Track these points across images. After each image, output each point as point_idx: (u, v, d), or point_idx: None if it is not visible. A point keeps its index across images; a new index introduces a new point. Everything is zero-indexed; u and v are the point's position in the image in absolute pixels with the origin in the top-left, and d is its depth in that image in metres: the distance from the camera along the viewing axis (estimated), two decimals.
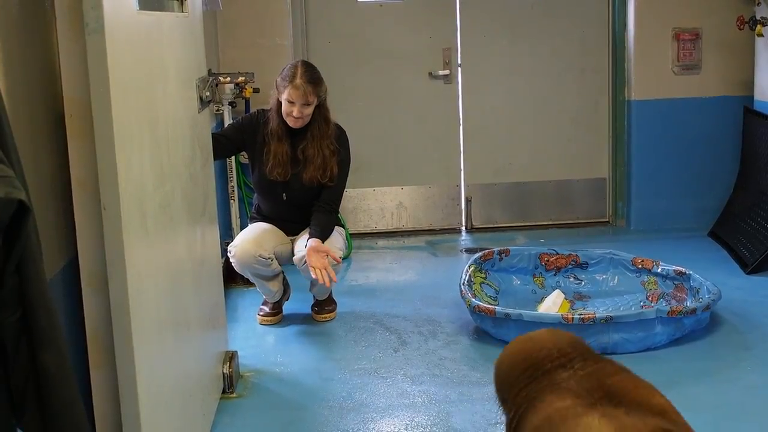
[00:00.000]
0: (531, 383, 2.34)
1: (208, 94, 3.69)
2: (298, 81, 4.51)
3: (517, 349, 2.54)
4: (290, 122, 4.61)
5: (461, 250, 6.47)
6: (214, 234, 3.95)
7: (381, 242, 6.66)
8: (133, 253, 2.33)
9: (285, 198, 4.76)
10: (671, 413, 2.23)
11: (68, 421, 1.61)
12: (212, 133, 4.52)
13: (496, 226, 6.96)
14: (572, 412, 2.11)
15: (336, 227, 4.79)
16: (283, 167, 4.66)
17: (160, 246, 2.71)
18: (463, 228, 6.97)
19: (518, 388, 2.36)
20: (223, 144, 4.68)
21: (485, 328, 4.52)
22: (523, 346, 2.52)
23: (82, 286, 2.35)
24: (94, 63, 2.19)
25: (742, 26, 6.33)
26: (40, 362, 1.56)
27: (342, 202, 4.91)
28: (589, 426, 2.02)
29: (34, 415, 1.60)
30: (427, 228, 6.95)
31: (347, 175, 4.81)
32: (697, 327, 4.43)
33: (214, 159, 4.35)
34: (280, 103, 4.63)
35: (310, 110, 4.60)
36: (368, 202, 6.86)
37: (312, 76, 4.57)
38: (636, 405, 2.16)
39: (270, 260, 4.60)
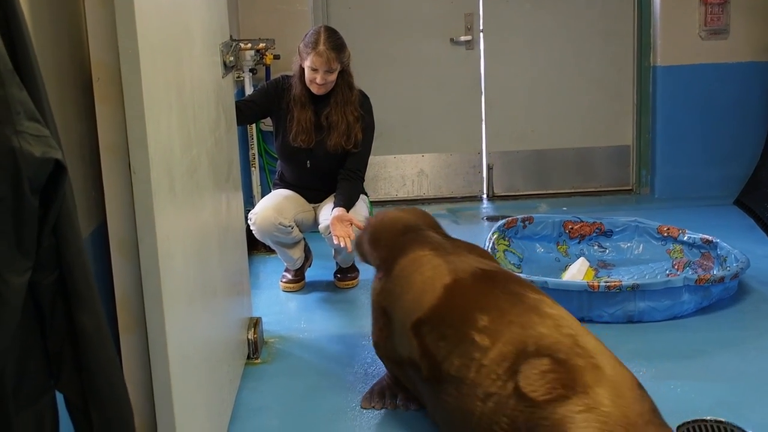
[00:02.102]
0: (404, 236, 3.44)
1: (232, 59, 3.66)
2: (321, 47, 4.47)
3: (394, 216, 3.66)
4: (313, 89, 4.58)
5: (483, 218, 6.45)
6: (239, 200, 3.94)
7: None
8: (162, 217, 2.32)
9: (309, 165, 4.73)
10: (493, 260, 3.46)
11: (106, 381, 1.60)
12: (238, 99, 4.51)
13: (517, 193, 6.93)
14: (428, 257, 3.22)
15: (361, 195, 4.77)
16: (307, 134, 4.63)
17: (188, 211, 2.69)
18: (485, 196, 6.94)
19: (394, 239, 3.45)
20: (251, 108, 4.67)
21: None
22: (400, 215, 3.67)
23: (111, 251, 2.33)
24: (122, 25, 2.16)
25: None
26: (78, 323, 1.55)
27: None
28: (435, 265, 3.15)
29: (72, 377, 1.60)
30: (448, 196, 6.92)
31: (372, 142, 4.78)
32: (725, 296, 4.39)
33: (239, 124, 4.35)
34: (302, 70, 4.59)
35: (333, 77, 4.56)
36: (389, 169, 6.83)
37: (335, 43, 4.53)
38: (471, 256, 3.28)
39: (290, 228, 4.59)
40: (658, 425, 2.52)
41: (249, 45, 5.46)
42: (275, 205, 4.63)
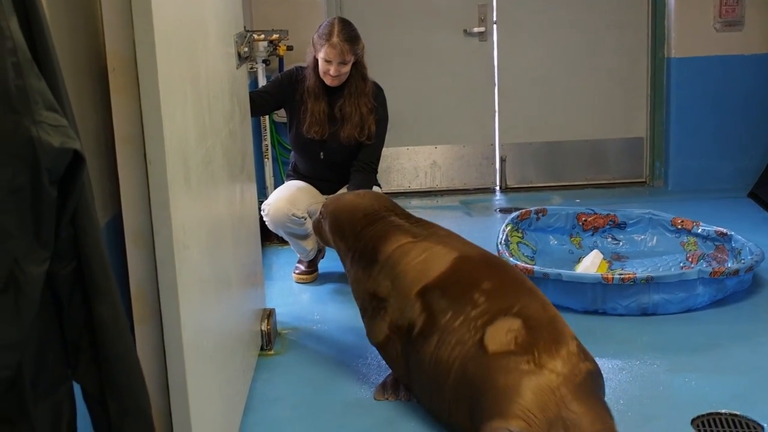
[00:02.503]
0: (371, 225, 3.51)
1: (246, 50, 3.66)
2: (335, 39, 4.46)
3: (352, 203, 3.68)
4: (327, 81, 4.57)
5: (496, 210, 6.43)
6: (252, 192, 3.94)
7: (414, 202, 6.63)
8: (178, 208, 2.32)
9: (322, 156, 4.73)
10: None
11: (123, 372, 1.60)
12: (252, 90, 4.51)
13: (530, 185, 6.91)
14: (411, 244, 3.38)
15: (374, 186, 4.76)
16: (321, 125, 4.62)
17: (203, 202, 2.69)
18: (498, 187, 6.92)
19: (359, 228, 3.53)
20: (264, 99, 4.67)
21: None
22: (357, 201, 3.68)
23: (126, 241, 2.33)
24: (139, 16, 2.16)
25: None
26: (95, 314, 1.55)
27: None
28: (425, 247, 3.34)
29: (89, 367, 1.60)
30: (461, 187, 6.91)
31: (385, 134, 4.77)
32: (739, 288, 4.38)
33: (253, 115, 4.35)
34: (316, 61, 4.58)
35: (347, 68, 4.55)
36: (402, 161, 6.83)
37: (349, 34, 4.52)
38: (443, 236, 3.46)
39: (303, 219, 4.59)
40: (591, 408, 2.77)
41: (262, 36, 5.45)
42: (288, 197, 4.62)
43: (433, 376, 3.10)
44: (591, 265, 4.66)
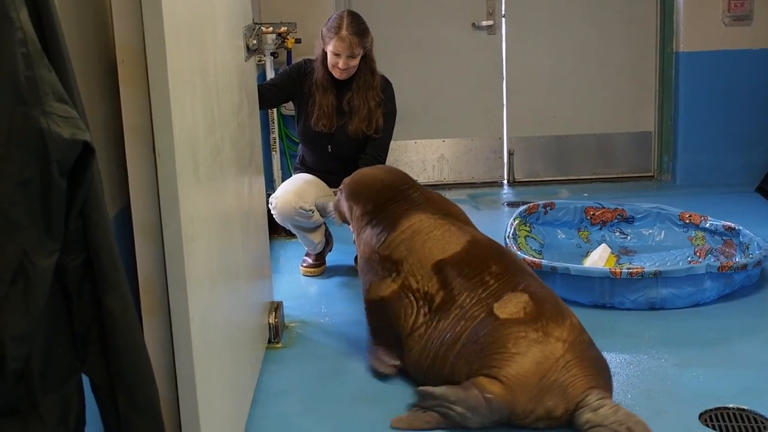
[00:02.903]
0: (393, 200, 3.69)
1: (255, 42, 3.65)
2: (343, 32, 4.45)
3: (371, 174, 3.89)
4: (336, 74, 4.56)
5: (503, 204, 6.43)
6: (260, 184, 3.94)
7: None
8: (187, 201, 2.31)
9: (330, 150, 4.73)
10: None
11: (132, 364, 1.60)
12: (259, 83, 4.50)
13: (538, 179, 6.90)
14: (431, 220, 3.59)
15: None
16: (329, 119, 4.62)
17: (211, 195, 2.69)
18: (505, 181, 6.92)
19: (381, 199, 3.71)
20: (273, 93, 4.66)
21: None
22: (376, 173, 3.89)
23: (135, 234, 2.33)
24: (148, 7, 2.15)
25: None
26: (104, 306, 1.55)
27: None
28: (449, 230, 3.56)
29: (98, 360, 1.59)
30: (468, 181, 6.90)
31: (393, 128, 4.76)
32: (747, 283, 4.36)
33: (261, 108, 4.35)
34: (325, 54, 4.57)
35: (356, 62, 4.54)
36: (409, 154, 6.82)
37: (358, 28, 4.51)
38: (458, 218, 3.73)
39: (311, 212, 4.58)
40: (591, 378, 3.07)
41: (270, 28, 5.44)
42: (296, 190, 4.62)
43: (443, 345, 3.30)
44: (599, 259, 4.65)
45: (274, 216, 4.67)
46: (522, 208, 5.16)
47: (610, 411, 2.99)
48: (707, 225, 4.91)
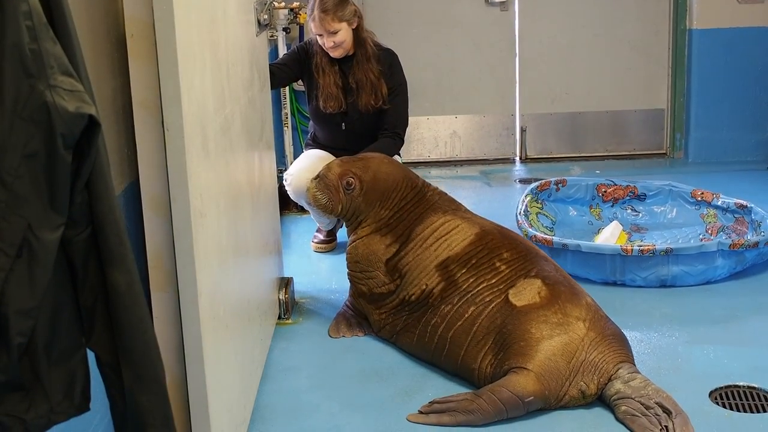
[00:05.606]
0: (411, 201, 3.68)
1: (266, 17, 3.64)
2: (314, 13, 4.47)
3: (385, 173, 3.76)
4: (331, 53, 4.55)
5: (515, 180, 6.41)
6: (271, 160, 3.93)
7: (434, 171, 6.61)
8: (196, 175, 2.31)
9: (344, 127, 4.72)
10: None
11: (137, 339, 1.59)
12: (271, 62, 4.48)
13: (550, 156, 6.88)
14: (452, 221, 3.60)
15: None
16: (335, 99, 4.60)
17: (221, 170, 2.68)
18: (518, 158, 6.89)
19: (399, 193, 3.69)
20: (283, 72, 4.65)
21: None
22: (394, 166, 3.83)
23: (143, 208, 2.33)
24: None
25: None
26: (110, 281, 1.54)
27: None
28: (458, 225, 3.57)
29: (103, 335, 1.59)
30: (480, 157, 6.88)
31: (407, 100, 4.74)
32: (759, 261, 4.34)
33: (273, 88, 4.34)
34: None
35: (341, 36, 4.50)
36: (421, 130, 6.80)
37: (327, 4, 4.46)
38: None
39: None
40: (616, 354, 3.13)
41: (283, 3, 5.42)
42: (310, 167, 4.60)
43: (452, 328, 3.35)
44: (610, 236, 4.63)
45: (288, 193, 4.67)
46: (534, 184, 5.14)
47: (641, 384, 3.04)
48: (719, 203, 4.88)
